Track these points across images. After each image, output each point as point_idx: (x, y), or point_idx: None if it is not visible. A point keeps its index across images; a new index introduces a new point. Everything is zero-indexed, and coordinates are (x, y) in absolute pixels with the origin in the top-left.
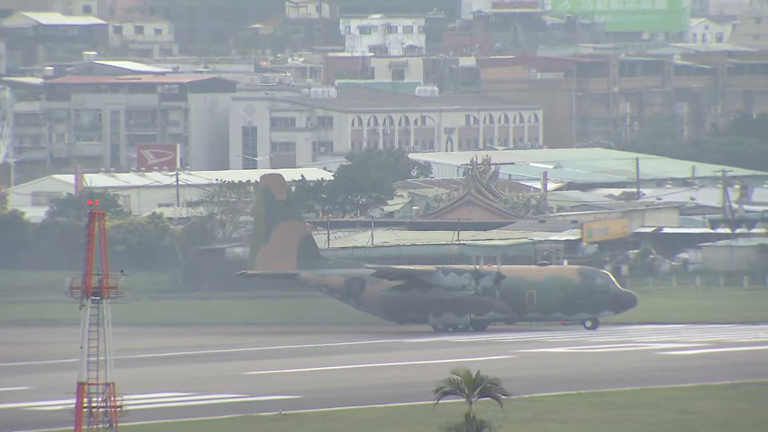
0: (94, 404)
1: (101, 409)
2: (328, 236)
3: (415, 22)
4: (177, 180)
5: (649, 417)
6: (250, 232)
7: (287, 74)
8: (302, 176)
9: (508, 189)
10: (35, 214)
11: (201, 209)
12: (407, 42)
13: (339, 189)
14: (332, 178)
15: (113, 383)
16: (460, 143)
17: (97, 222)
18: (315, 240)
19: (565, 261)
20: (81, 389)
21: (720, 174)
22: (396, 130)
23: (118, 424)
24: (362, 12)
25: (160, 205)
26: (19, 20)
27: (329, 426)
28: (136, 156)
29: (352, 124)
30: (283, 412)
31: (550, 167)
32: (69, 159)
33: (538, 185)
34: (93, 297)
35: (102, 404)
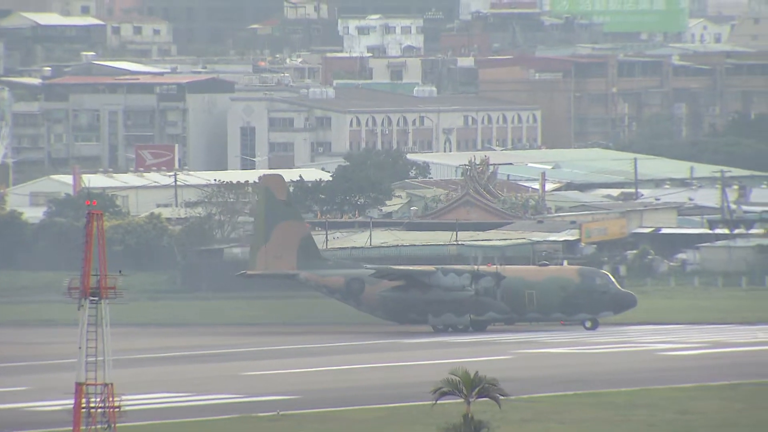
0: (93, 405)
1: (100, 410)
2: (327, 237)
3: (414, 23)
4: (175, 180)
5: (648, 417)
6: (249, 233)
7: (285, 75)
8: (300, 177)
9: (507, 189)
10: (33, 215)
11: (199, 210)
12: (405, 42)
13: (337, 189)
14: (330, 179)
15: (112, 384)
16: (459, 144)
17: (96, 222)
18: (315, 240)
19: (565, 261)
20: (79, 389)
21: (718, 174)
22: (394, 131)
23: (117, 425)
24: (360, 12)
25: (159, 206)
26: (18, 20)
27: (327, 426)
28: (135, 156)
29: (351, 125)
30: (282, 413)
31: (549, 168)
32: (67, 159)
33: (537, 186)
34: (91, 297)
35: (100, 405)
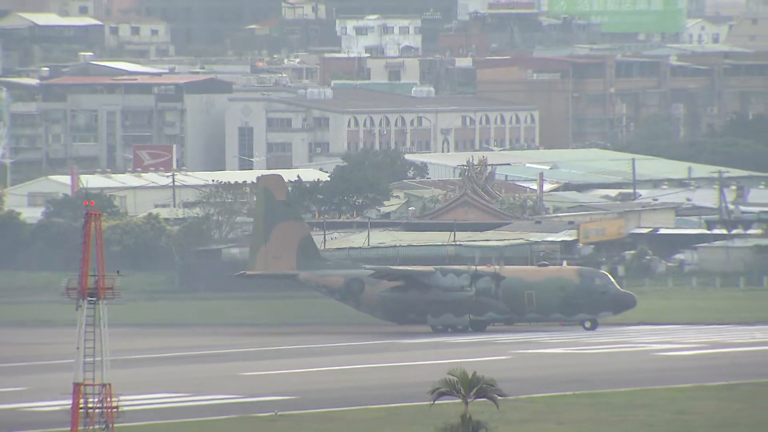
0: (91, 405)
1: (97, 410)
2: (324, 237)
3: (412, 23)
4: (173, 181)
5: (647, 417)
6: (247, 233)
7: (283, 75)
8: (298, 177)
9: (505, 190)
10: (31, 215)
11: (197, 210)
12: (403, 43)
13: (335, 190)
14: (328, 179)
15: (109, 384)
16: (457, 144)
17: (93, 223)
18: (314, 241)
19: (565, 262)
20: (77, 390)
21: (716, 175)
22: (392, 131)
23: (115, 425)
24: (358, 13)
25: (157, 206)
26: (16, 21)
27: (325, 427)
28: (133, 157)
29: (349, 125)
30: (280, 413)
31: (547, 168)
32: (65, 160)
33: (535, 186)
34: (89, 298)
35: (98, 405)
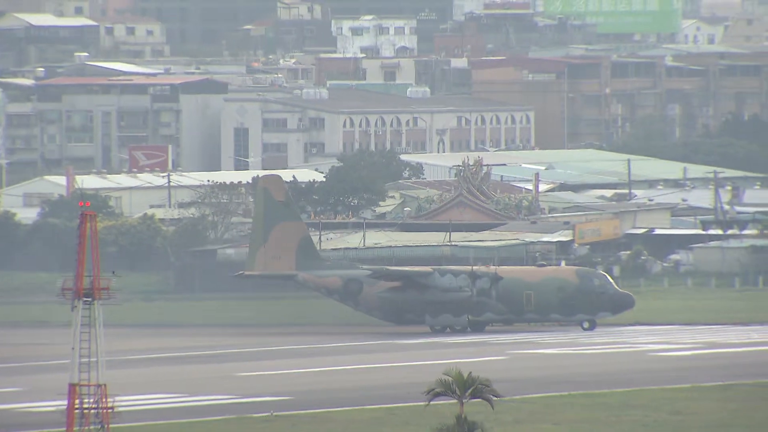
0: (86, 405)
1: (93, 411)
2: (320, 237)
3: (407, 24)
4: (169, 181)
5: (642, 418)
6: (242, 233)
7: (279, 75)
8: (294, 177)
9: (500, 190)
10: (27, 216)
11: (193, 210)
12: (399, 43)
13: (331, 190)
14: (324, 180)
15: (105, 384)
16: (452, 144)
17: (89, 223)
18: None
19: (563, 262)
20: (73, 390)
21: (711, 175)
22: (388, 131)
23: (110, 426)
24: (354, 13)
25: (152, 207)
26: (11, 21)
27: (321, 427)
28: (128, 157)
29: (344, 126)
30: (275, 413)
31: (542, 168)
32: (60, 160)
33: (530, 186)
34: (85, 298)
35: (94, 405)
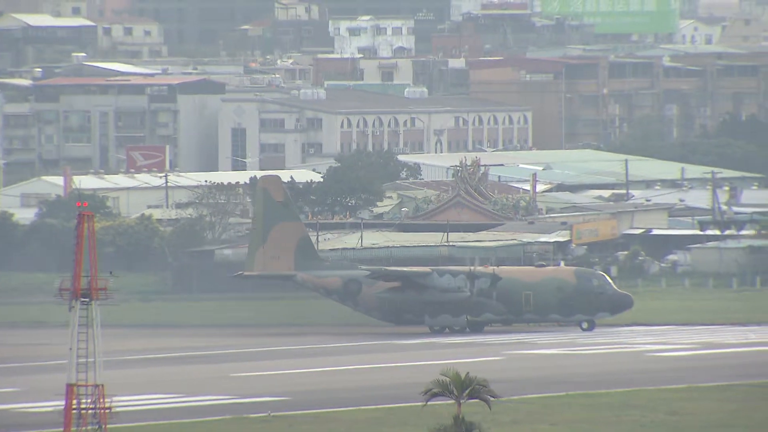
0: (84, 406)
1: (90, 411)
2: (318, 238)
3: (405, 24)
4: (166, 182)
5: (639, 418)
6: (240, 234)
7: (276, 76)
8: (291, 178)
9: (498, 190)
10: (24, 216)
11: (190, 211)
12: (396, 43)
13: (328, 191)
14: (321, 180)
15: (102, 385)
16: (450, 145)
17: (87, 223)
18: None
19: (562, 262)
20: (70, 391)
21: (709, 176)
22: (385, 132)
23: (108, 426)
24: (351, 13)
25: (150, 207)
26: (8, 21)
27: (319, 427)
28: (126, 157)
29: (342, 126)
30: (273, 414)
31: (540, 169)
32: (58, 161)
33: (528, 187)
34: (82, 298)
35: (91, 406)
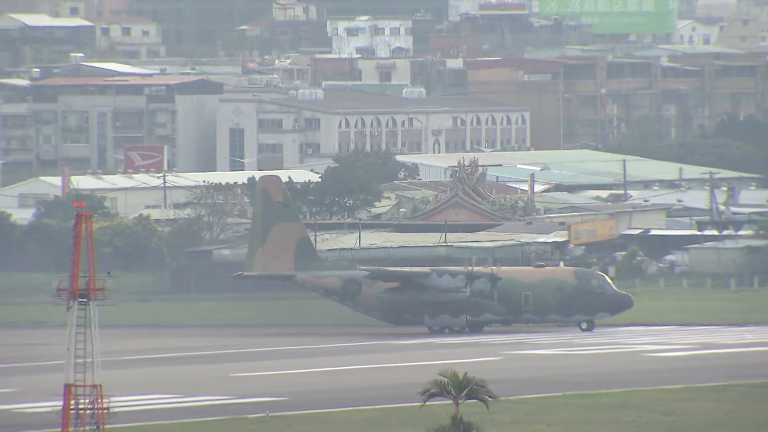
0: (82, 406)
1: (88, 411)
2: (315, 238)
3: (403, 24)
4: (164, 182)
5: (636, 418)
6: (238, 234)
7: (274, 76)
8: (289, 178)
9: (496, 191)
10: (22, 216)
11: (188, 211)
12: (394, 44)
13: (326, 191)
14: (319, 180)
15: (100, 385)
16: (448, 145)
17: (84, 224)
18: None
19: (561, 262)
20: (68, 391)
21: (707, 176)
22: (383, 132)
23: (106, 426)
24: (349, 14)
25: (148, 207)
26: (6, 22)
27: (317, 428)
28: (123, 158)
29: (340, 126)
30: (271, 414)
31: (538, 169)
32: (56, 161)
33: (526, 187)
34: (80, 299)
35: (89, 406)
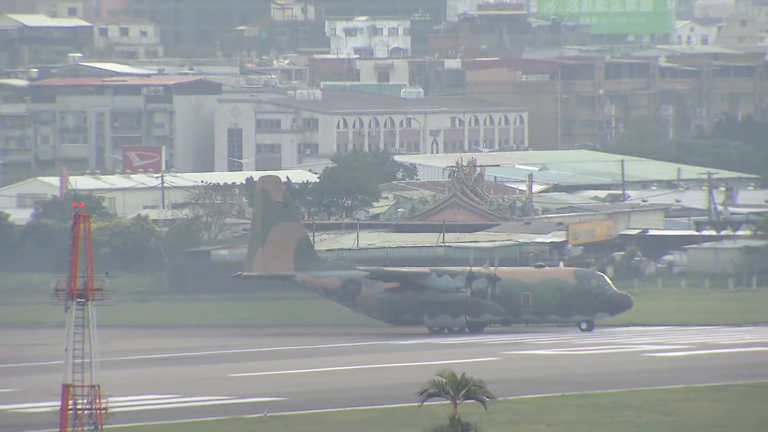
0: (80, 406)
1: (87, 411)
2: (314, 238)
3: (401, 24)
4: (162, 182)
5: (635, 419)
6: (236, 234)
7: (272, 76)
8: (288, 178)
9: (494, 191)
10: (20, 216)
11: (186, 211)
12: (393, 44)
13: (324, 191)
14: (317, 180)
15: (98, 385)
16: (446, 145)
17: (83, 224)
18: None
19: (561, 263)
20: (66, 391)
21: (705, 176)
22: (381, 132)
23: (104, 427)
24: (347, 14)
25: (146, 207)
26: (4, 22)
27: (315, 428)
28: (122, 158)
29: (338, 126)
30: (269, 414)
31: (536, 169)
32: (54, 161)
33: (524, 187)
34: (78, 299)
35: (87, 406)
